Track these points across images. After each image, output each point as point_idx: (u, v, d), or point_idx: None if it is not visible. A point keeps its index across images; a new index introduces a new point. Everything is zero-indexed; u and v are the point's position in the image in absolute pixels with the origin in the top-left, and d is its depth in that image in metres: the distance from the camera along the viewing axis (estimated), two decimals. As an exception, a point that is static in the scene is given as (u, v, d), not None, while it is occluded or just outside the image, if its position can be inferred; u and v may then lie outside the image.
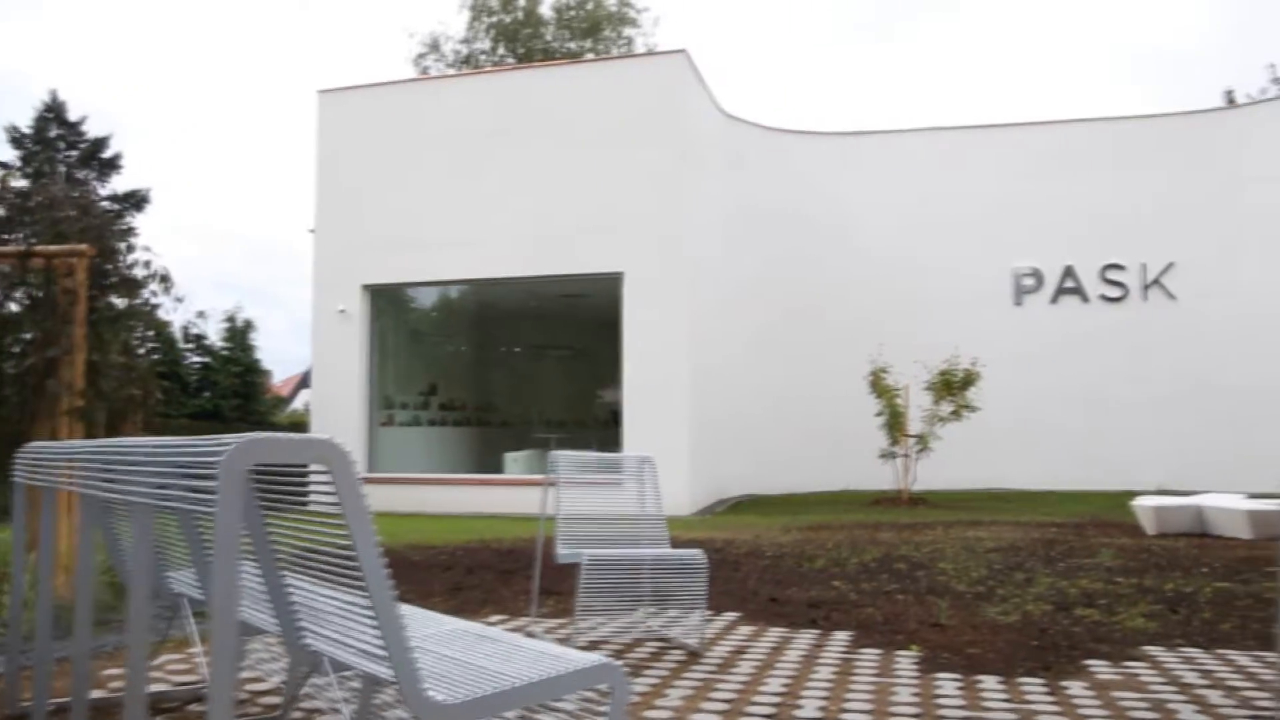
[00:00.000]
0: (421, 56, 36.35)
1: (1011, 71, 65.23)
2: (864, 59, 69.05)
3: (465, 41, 36.17)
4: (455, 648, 2.74)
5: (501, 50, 35.92)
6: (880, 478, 17.48)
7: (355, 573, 2.17)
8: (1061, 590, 7.48)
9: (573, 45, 35.90)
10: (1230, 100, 32.90)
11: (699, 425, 16.35)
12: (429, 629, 2.98)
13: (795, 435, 19.36)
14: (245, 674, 4.69)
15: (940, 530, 11.95)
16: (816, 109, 67.99)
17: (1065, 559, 9.26)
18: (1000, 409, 17.97)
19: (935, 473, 17.16)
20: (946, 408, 16.63)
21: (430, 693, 2.26)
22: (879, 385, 16.98)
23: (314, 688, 4.29)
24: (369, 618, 2.22)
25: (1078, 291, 19.66)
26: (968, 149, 20.42)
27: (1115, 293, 19.54)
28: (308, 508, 2.36)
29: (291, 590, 2.61)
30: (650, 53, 28.89)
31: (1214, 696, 4.62)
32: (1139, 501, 11.85)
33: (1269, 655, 5.23)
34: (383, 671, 2.27)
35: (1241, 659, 5.33)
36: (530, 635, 5.92)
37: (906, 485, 16.73)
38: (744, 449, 18.55)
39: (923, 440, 16.71)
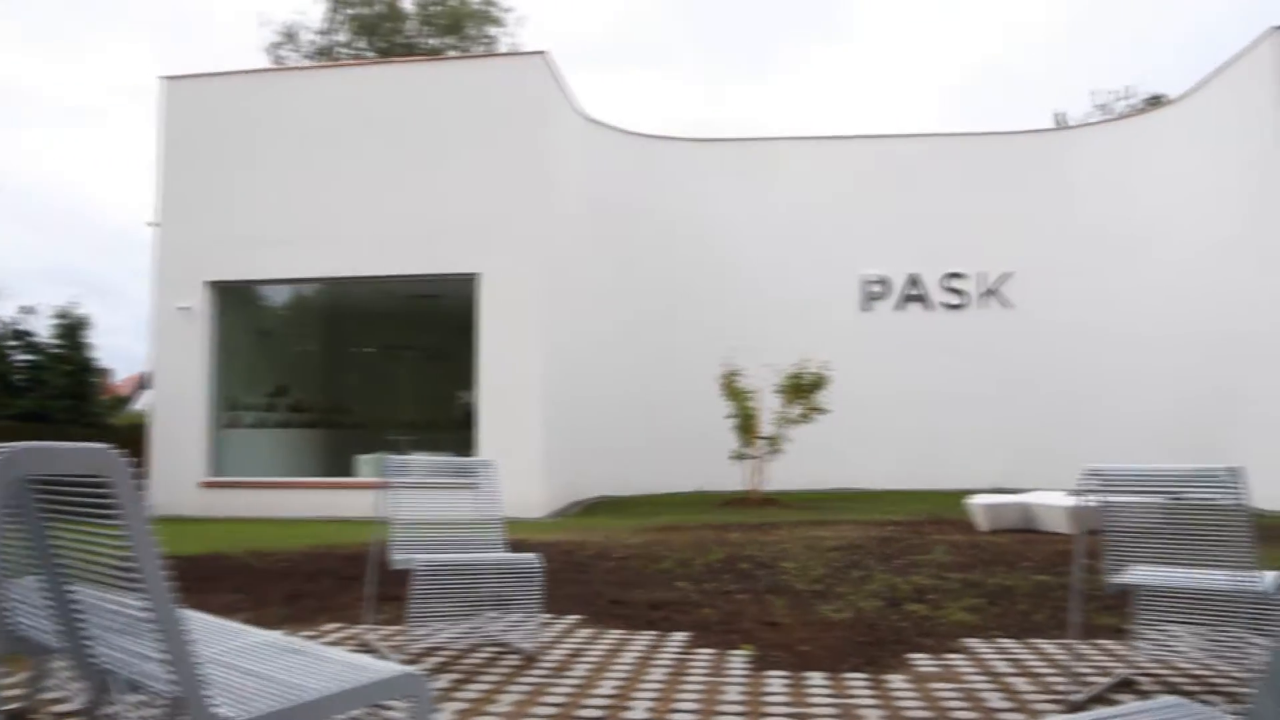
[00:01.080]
0: (276, 46, 35.40)
1: (868, 85, 67.10)
2: (727, 68, 70.04)
3: (323, 33, 35.38)
4: (256, 661, 2.68)
5: (361, 44, 35.24)
6: (734, 479, 17.78)
7: (138, 584, 2.11)
8: (895, 586, 7.73)
9: (434, 41, 35.46)
10: (1061, 122, 34.63)
11: (554, 427, 16.35)
12: (232, 642, 2.91)
13: (652, 437, 19.53)
14: (51, 694, 4.49)
15: (787, 530, 12.20)
16: (677, 115, 68.64)
17: (901, 556, 9.57)
18: (848, 411, 18.47)
19: (786, 473, 17.54)
20: (796, 410, 17.03)
21: (219, 708, 2.21)
22: (731, 388, 17.28)
23: (126, 706, 4.13)
24: (153, 631, 2.16)
25: (921, 298, 20.40)
26: (821, 159, 20.94)
27: (956, 300, 20.34)
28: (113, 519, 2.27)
29: (78, 604, 2.51)
30: (512, 52, 28.75)
31: (1020, 684, 4.85)
32: (972, 500, 12.33)
33: (1075, 642, 5.51)
34: (166, 686, 2.21)
35: (1049, 647, 5.60)
36: (363, 644, 5.84)
37: (757, 486, 17.05)
38: (600, 451, 18.62)
39: (773, 442, 17.07)
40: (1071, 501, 11.18)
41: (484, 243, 16.03)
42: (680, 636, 6.02)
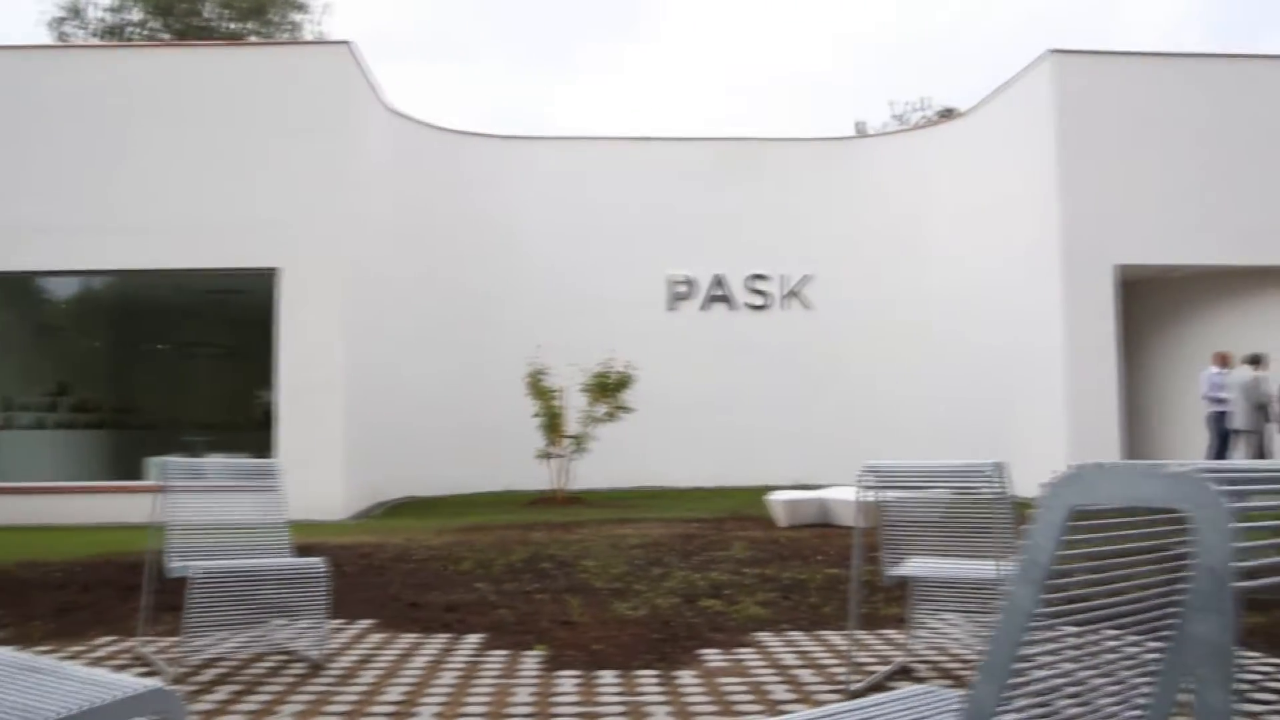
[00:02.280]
0: (60, 21, 33.29)
1: (677, 87, 68.15)
2: (538, 65, 69.90)
3: (113, 10, 33.48)
4: (-13, 680, 2.48)
5: (155, 24, 33.51)
6: (541, 478, 17.73)
7: None
8: (692, 583, 7.85)
9: (235, 26, 34.07)
10: (861, 130, 36.10)
11: (358, 426, 15.96)
12: (-37, 660, 2.68)
13: (459, 436, 19.29)
14: None
15: (591, 529, 12.25)
16: (487, 111, 68.10)
17: (702, 553, 9.73)
18: (655, 410, 18.70)
19: (593, 472, 17.61)
20: (602, 409, 17.13)
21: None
22: (536, 387, 17.24)
23: None
24: None
25: (726, 299, 20.85)
26: (631, 160, 21.13)
27: (760, 301, 20.88)
28: None
29: None
30: (317, 41, 27.92)
31: (805, 675, 4.99)
32: (771, 496, 12.67)
33: (857, 632, 5.71)
34: None
35: (835, 638, 5.80)
36: (137, 657, 5.54)
37: (563, 485, 17.08)
38: (406, 450, 18.27)
39: (579, 441, 17.12)
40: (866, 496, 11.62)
41: (284, 237, 15.50)
42: (474, 639, 5.95)
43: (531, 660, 5.38)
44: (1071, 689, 1.63)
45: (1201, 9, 63.25)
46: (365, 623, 6.46)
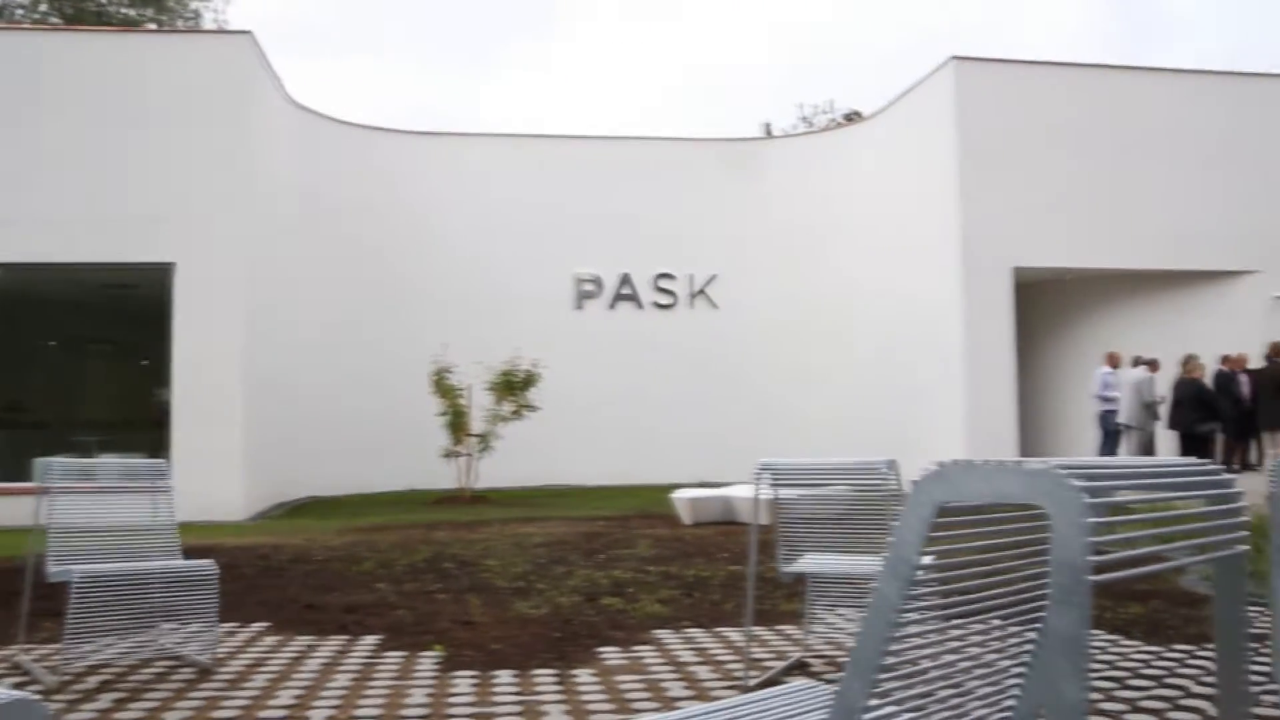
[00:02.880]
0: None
1: (589, 85, 68.08)
2: (450, 61, 69.25)
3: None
4: None
5: (44, 7, 32.32)
6: (447, 477, 17.56)
7: None
8: (595, 581, 7.84)
9: (131, 12, 33.02)
10: (767, 131, 36.45)
11: (259, 425, 15.63)
12: None
13: (365, 434, 19.01)
14: None
15: (495, 528, 12.17)
16: (397, 106, 67.24)
17: (606, 551, 9.73)
18: (562, 408, 18.65)
19: (500, 470, 17.50)
20: (508, 407, 17.03)
21: None
22: (441, 385, 17.08)
23: None
24: None
25: (633, 298, 20.90)
26: (539, 158, 21.02)
27: (666, 300, 20.97)
28: None
29: None
30: (216, 30, 27.27)
31: (702, 672, 5.02)
32: (676, 494, 12.73)
33: (754, 629, 5.76)
34: None
35: (734, 635, 5.84)
36: (15, 665, 5.34)
37: (468, 484, 16.94)
38: (310, 449, 17.96)
39: (484, 439, 16.99)
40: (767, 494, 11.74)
41: (181, 231, 15.10)
42: (371, 640, 5.86)
43: (428, 661, 5.32)
44: (946, 681, 1.65)
45: (1100, 21, 65.21)
46: (259, 625, 6.32)
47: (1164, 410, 14.88)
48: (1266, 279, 17.79)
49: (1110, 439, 15.39)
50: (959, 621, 1.64)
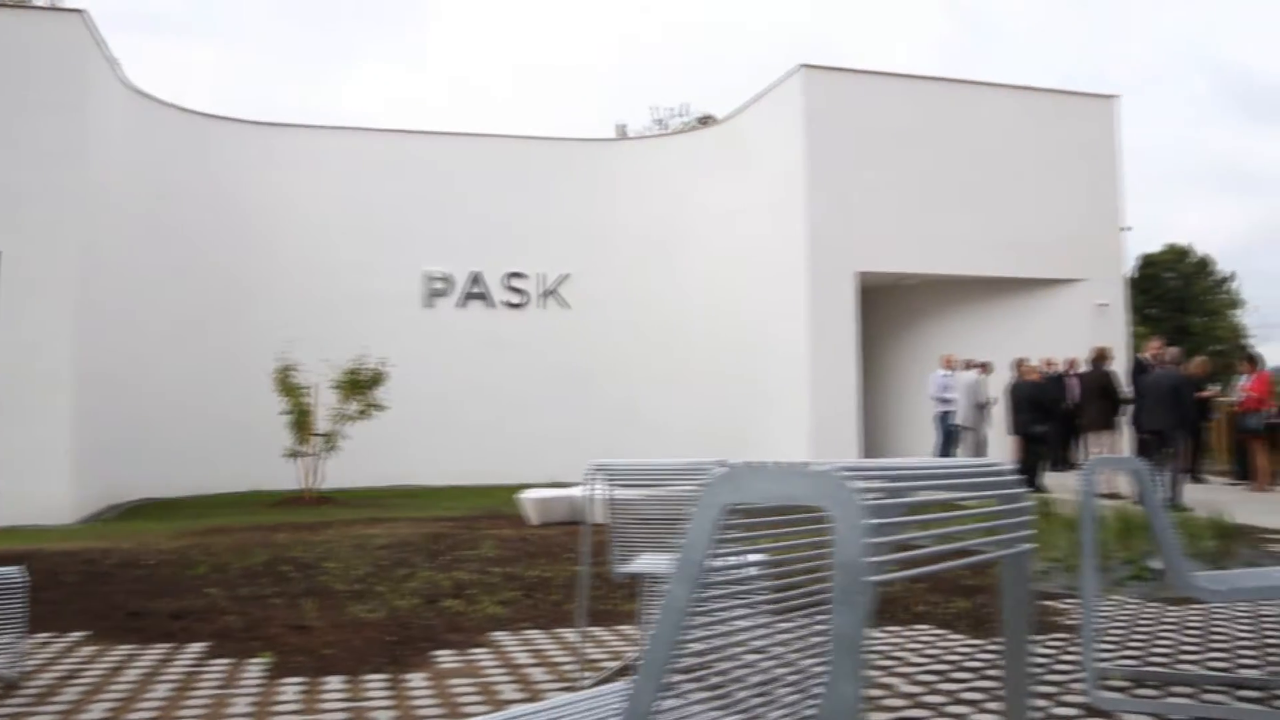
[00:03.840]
0: None
1: (443, 81, 67.26)
2: (306, 50, 67.45)
3: None
4: None
5: None
6: (291, 477, 17.09)
7: None
8: (436, 583, 7.73)
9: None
10: (621, 133, 36.59)
11: (91, 423, 14.95)
12: None
13: (205, 434, 18.36)
14: None
15: (338, 529, 11.88)
16: (249, 96, 65.18)
17: (450, 552, 9.60)
18: (411, 408, 18.38)
19: (347, 471, 17.13)
20: (354, 406, 16.66)
21: None
22: (285, 383, 16.61)
23: None
24: None
25: (484, 297, 20.71)
26: (391, 153, 20.63)
27: (517, 299, 20.86)
28: None
29: None
30: (46, 7, 25.87)
31: (537, 673, 4.99)
32: (523, 495, 12.65)
33: (594, 630, 5.76)
34: None
35: (572, 636, 5.82)
36: None
37: (312, 485, 16.53)
38: (147, 449, 17.27)
39: (330, 439, 16.59)
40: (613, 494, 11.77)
41: (6, 219, 14.32)
42: (197, 648, 5.64)
43: (256, 668, 5.14)
44: (745, 682, 1.66)
45: (945, 36, 67.69)
46: (77, 635, 6.01)
47: (995, 411, 15.50)
48: (1092, 287, 18.75)
49: (948, 439, 15.97)
50: (760, 621, 1.65)
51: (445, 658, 5.33)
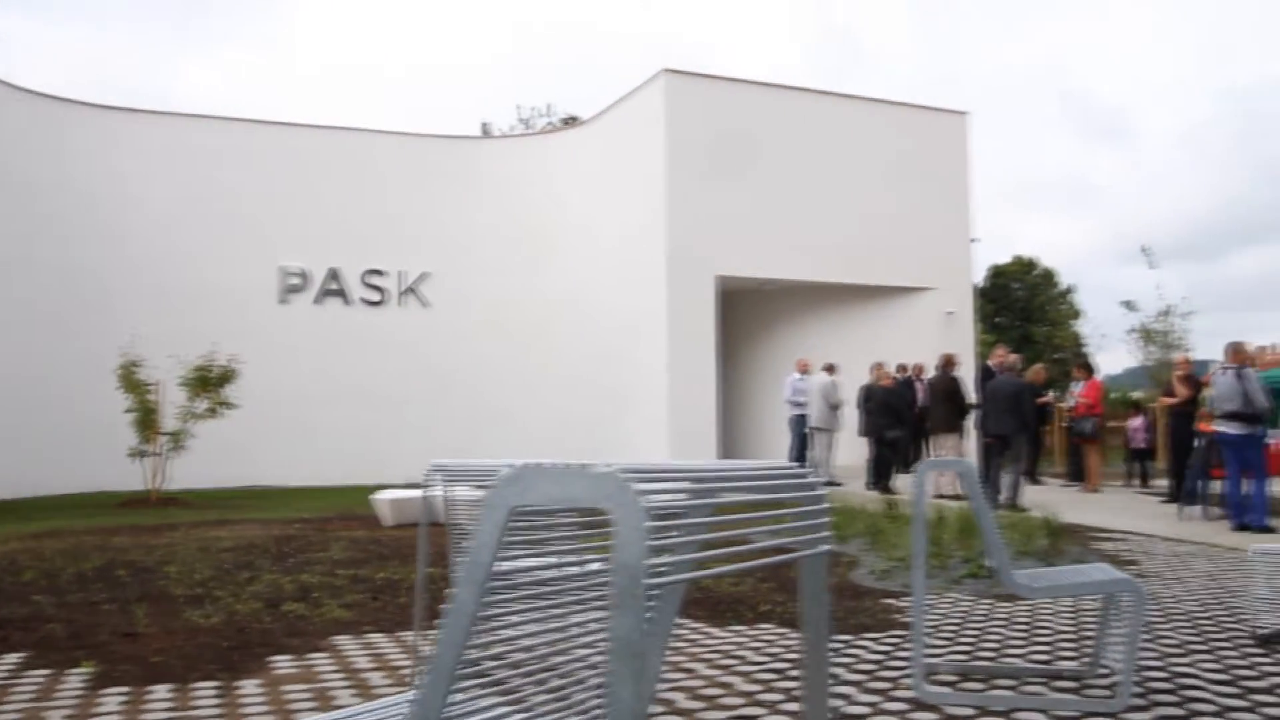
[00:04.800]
0: None
1: (311, 76, 65.69)
2: (162, 34, 64.98)
3: None
4: None
5: None
6: (136, 478, 16.42)
7: None
8: (280, 586, 7.53)
9: None
10: (486, 131, 36.39)
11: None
12: None
13: (44, 431, 17.51)
14: None
15: (183, 532, 11.48)
16: (109, 81, 62.48)
17: (299, 554, 9.37)
18: (265, 406, 17.90)
19: (195, 471, 16.57)
20: (203, 404, 16.12)
21: None
22: (129, 380, 15.96)
23: None
24: None
25: (341, 294, 20.28)
26: (247, 143, 20.04)
27: (375, 296, 20.50)
28: None
29: None
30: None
31: (376, 678, 4.90)
32: (377, 495, 12.44)
33: (430, 632, 5.67)
34: None
35: (410, 638, 5.73)
36: None
37: (157, 485, 15.92)
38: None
39: (177, 438, 16.01)
40: (471, 495, 11.67)
41: None
42: (14, 658, 5.36)
43: (76, 679, 4.92)
44: (540, 684, 1.66)
45: (806, 49, 69.15)
46: (-119, 647, 5.66)
47: (845, 414, 15.89)
48: (942, 295, 19.39)
49: (800, 441, 16.31)
50: (555, 625, 1.65)
51: (282, 663, 5.19)
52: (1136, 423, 16.36)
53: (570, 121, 33.02)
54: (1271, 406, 10.79)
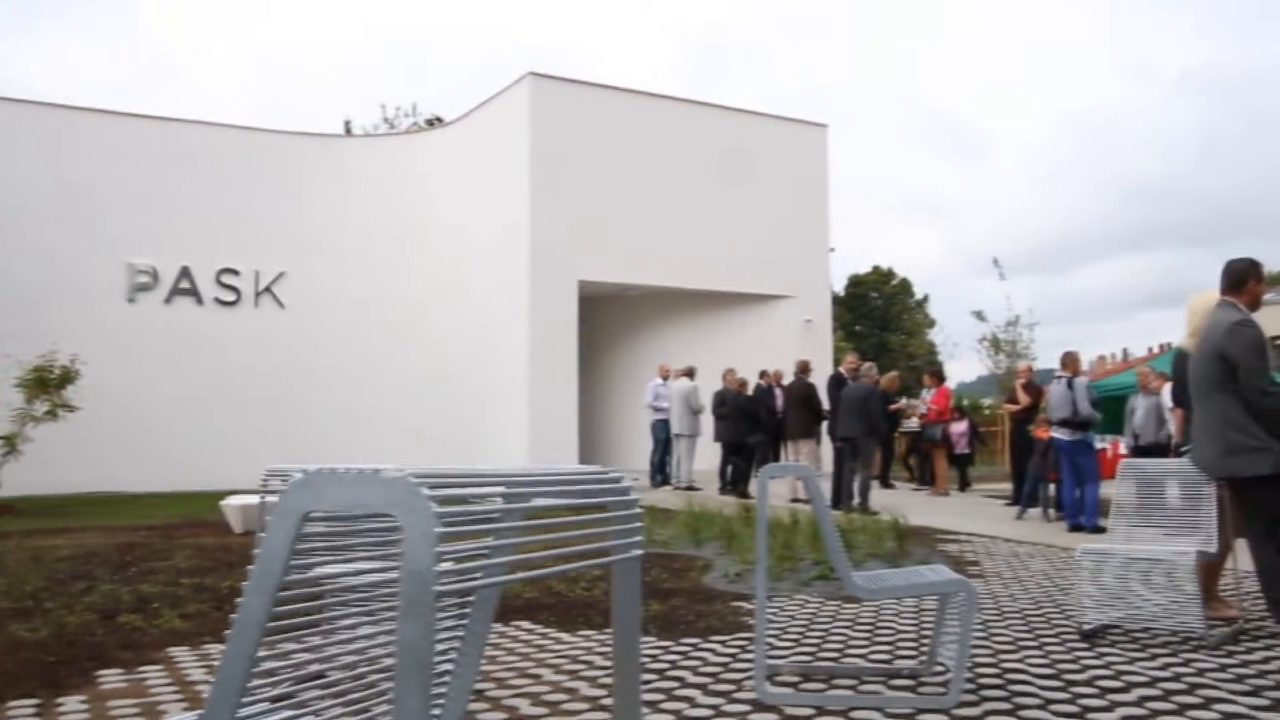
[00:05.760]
0: None
1: (162, 65, 63.41)
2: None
3: None
4: None
5: None
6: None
7: None
8: (117, 597, 7.23)
9: None
10: (348, 129, 35.67)
11: None
12: None
13: None
14: None
15: (15, 540, 10.91)
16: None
17: (141, 563, 9.02)
18: (112, 409, 17.20)
19: (33, 476, 15.77)
20: (41, 407, 15.36)
21: None
22: (-42, 380, 15.15)
23: None
24: None
25: (193, 293, 19.58)
26: (92, 134, 19.16)
27: (230, 297, 19.85)
28: None
29: None
30: None
31: (211, 691, 4.73)
32: (227, 501, 12.08)
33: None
34: None
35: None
36: None
37: (-10, 492, 15.14)
38: None
39: (11, 441, 15.21)
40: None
41: None
42: None
43: (-120, 699, 4.63)
44: (336, 694, 1.62)
45: (674, 57, 69.88)
46: None
47: (705, 418, 16.08)
48: (801, 303, 19.80)
49: (661, 446, 16.44)
50: (363, 634, 1.62)
51: (110, 678, 4.98)
52: (960, 428, 16.72)
53: (436, 122, 32.65)
54: (1101, 414, 11.37)
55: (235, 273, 19.83)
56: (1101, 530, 10.78)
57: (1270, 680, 4.79)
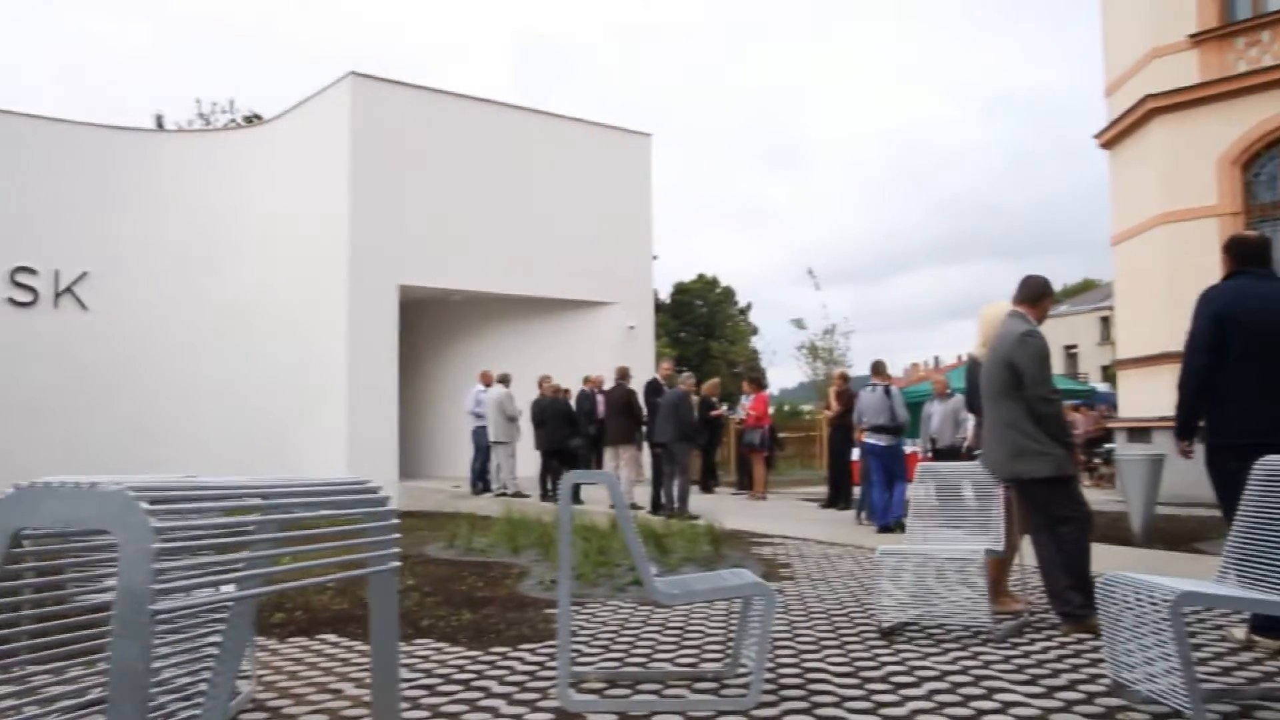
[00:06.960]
0: None
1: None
2: None
3: None
4: None
5: None
6: None
7: None
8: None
9: None
10: (159, 124, 34.17)
11: None
12: None
13: None
14: None
15: None
16: None
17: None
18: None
19: None
20: None
21: None
22: None
23: None
24: None
25: (-13, 292, 18.38)
26: None
27: (26, 297, 18.68)
28: None
29: None
30: None
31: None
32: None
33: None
34: None
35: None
36: None
37: None
38: None
39: None
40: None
41: None
42: None
43: None
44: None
45: (507, 64, 69.64)
46: None
47: (523, 425, 16.04)
48: (624, 310, 19.97)
49: (481, 453, 16.32)
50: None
51: None
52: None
53: (254, 120, 31.58)
54: (910, 419, 11.86)
55: (32, 272, 18.64)
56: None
57: (1047, 669, 5.07)
